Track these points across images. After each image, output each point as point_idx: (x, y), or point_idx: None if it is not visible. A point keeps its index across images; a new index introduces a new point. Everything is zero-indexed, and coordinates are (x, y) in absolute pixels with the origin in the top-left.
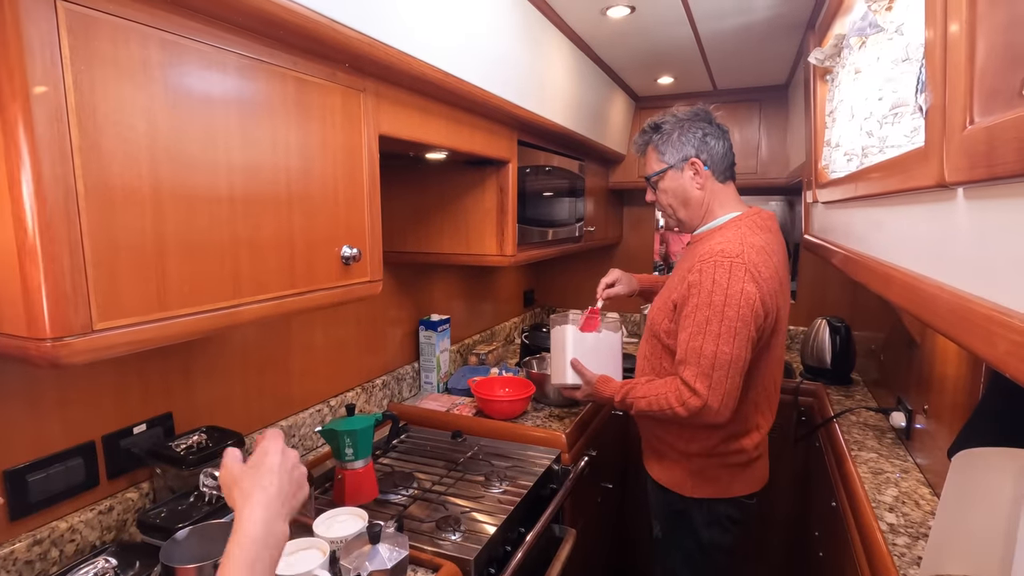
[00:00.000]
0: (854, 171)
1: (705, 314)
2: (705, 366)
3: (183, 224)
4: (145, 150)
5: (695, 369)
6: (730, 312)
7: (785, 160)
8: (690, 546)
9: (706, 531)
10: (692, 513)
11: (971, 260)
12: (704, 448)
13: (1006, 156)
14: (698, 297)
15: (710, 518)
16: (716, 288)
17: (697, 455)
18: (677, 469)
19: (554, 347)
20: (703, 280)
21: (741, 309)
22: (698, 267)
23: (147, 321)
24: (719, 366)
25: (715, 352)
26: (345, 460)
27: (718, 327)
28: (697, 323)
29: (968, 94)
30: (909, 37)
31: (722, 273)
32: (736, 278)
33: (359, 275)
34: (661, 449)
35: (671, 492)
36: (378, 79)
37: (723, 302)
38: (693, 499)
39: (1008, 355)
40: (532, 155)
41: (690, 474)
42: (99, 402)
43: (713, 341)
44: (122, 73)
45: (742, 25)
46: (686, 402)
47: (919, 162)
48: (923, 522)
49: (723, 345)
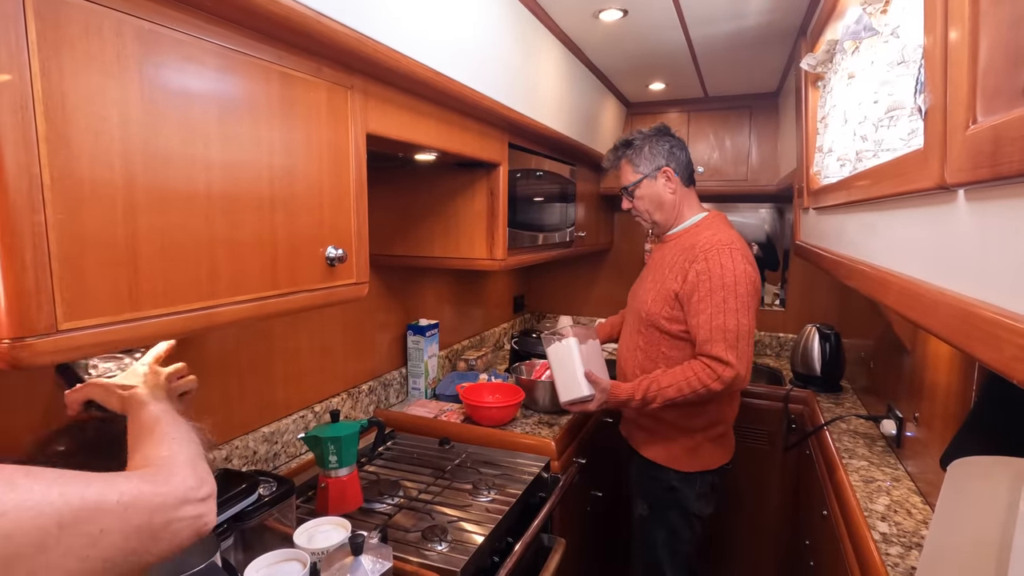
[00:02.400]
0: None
1: (721, 295)
2: (731, 339)
3: (157, 220)
4: (118, 142)
5: (723, 344)
6: (741, 289)
7: (775, 167)
8: (676, 520)
9: (696, 503)
10: (684, 487)
11: (973, 263)
12: (705, 422)
13: (1012, 155)
14: (710, 282)
15: (700, 490)
16: (725, 271)
17: (699, 430)
18: (675, 446)
19: (557, 364)
20: (711, 267)
21: (748, 286)
22: (703, 256)
23: (117, 321)
24: (742, 336)
25: (737, 325)
26: (329, 468)
27: (735, 303)
28: (715, 304)
29: (971, 94)
30: (905, 39)
31: (727, 258)
32: (737, 260)
33: (344, 277)
34: (658, 430)
35: (666, 469)
36: (367, 76)
37: (734, 281)
38: (688, 473)
39: (1015, 360)
40: (523, 159)
41: (686, 450)
42: None
43: (734, 316)
44: (94, 62)
45: (734, 30)
46: (720, 375)
47: (918, 164)
48: (916, 531)
49: (742, 318)
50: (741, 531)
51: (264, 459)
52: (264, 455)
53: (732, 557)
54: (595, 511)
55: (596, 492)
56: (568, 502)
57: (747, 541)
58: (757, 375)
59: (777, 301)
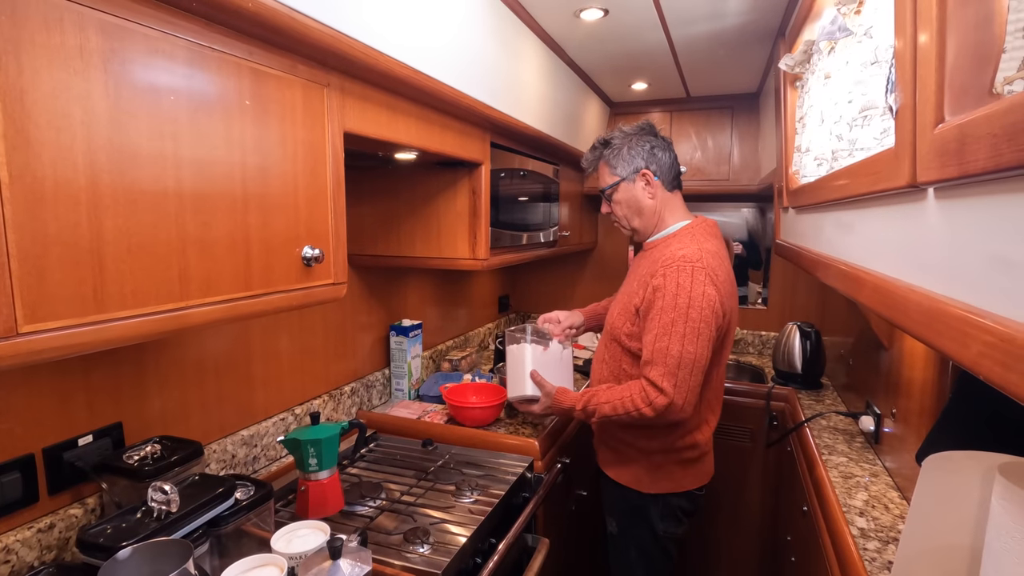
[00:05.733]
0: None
1: (671, 316)
2: (671, 365)
3: (124, 220)
4: (81, 140)
5: (662, 369)
6: (693, 314)
7: (757, 167)
8: (645, 539)
9: (661, 524)
10: (649, 508)
11: (942, 261)
12: (663, 445)
13: (977, 153)
14: (663, 300)
15: (665, 511)
16: (680, 291)
17: (657, 452)
18: (635, 467)
19: (511, 363)
20: (667, 284)
21: (703, 311)
22: (661, 271)
23: (82, 324)
24: (684, 365)
25: (680, 352)
26: (309, 471)
27: (683, 328)
28: (663, 325)
29: (939, 92)
30: (878, 40)
31: (685, 277)
32: (698, 281)
33: (322, 277)
34: (620, 449)
35: (629, 489)
36: (343, 74)
37: (687, 304)
38: (650, 495)
39: (981, 356)
40: (506, 158)
41: (647, 471)
42: (39, 412)
43: (679, 341)
44: (55, 57)
45: (714, 31)
46: (653, 402)
47: (889, 163)
48: (893, 526)
49: (688, 345)
50: (723, 527)
51: (243, 463)
52: (243, 458)
53: (716, 553)
54: (579, 511)
55: (580, 492)
56: (552, 502)
57: (730, 537)
58: (740, 373)
59: (760, 300)
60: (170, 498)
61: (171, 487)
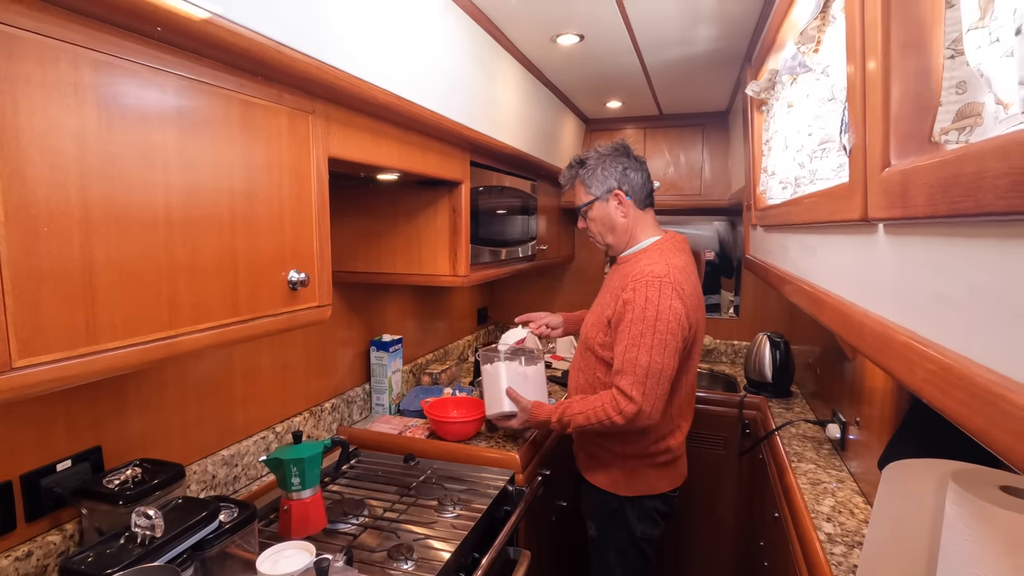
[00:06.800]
0: (789, 199)
1: (639, 328)
2: (640, 375)
3: (116, 250)
4: (75, 175)
5: (631, 378)
6: (661, 326)
7: (727, 181)
8: (624, 541)
9: (639, 525)
10: (626, 510)
11: (892, 290)
12: (637, 450)
13: (917, 199)
14: (632, 313)
15: (642, 513)
16: (648, 305)
17: (632, 456)
18: (612, 471)
19: (487, 381)
20: (636, 298)
21: (670, 323)
22: (631, 286)
23: (74, 356)
24: (652, 374)
25: (648, 362)
26: (292, 490)
27: (651, 339)
28: (632, 336)
29: (885, 138)
30: (834, 78)
31: (653, 291)
32: (665, 295)
33: (307, 300)
34: (597, 454)
35: (607, 492)
36: (328, 101)
37: (655, 317)
38: (627, 497)
39: (924, 382)
40: (485, 176)
41: (623, 474)
42: (16, 438)
43: (647, 352)
44: (50, 96)
45: (684, 55)
46: (623, 410)
47: (845, 197)
48: (858, 530)
49: (655, 356)
50: (699, 533)
51: (224, 483)
52: (224, 479)
53: (691, 559)
54: (560, 520)
55: (560, 502)
56: (533, 514)
57: (706, 543)
58: (714, 382)
59: (732, 308)
60: (154, 523)
61: (155, 512)
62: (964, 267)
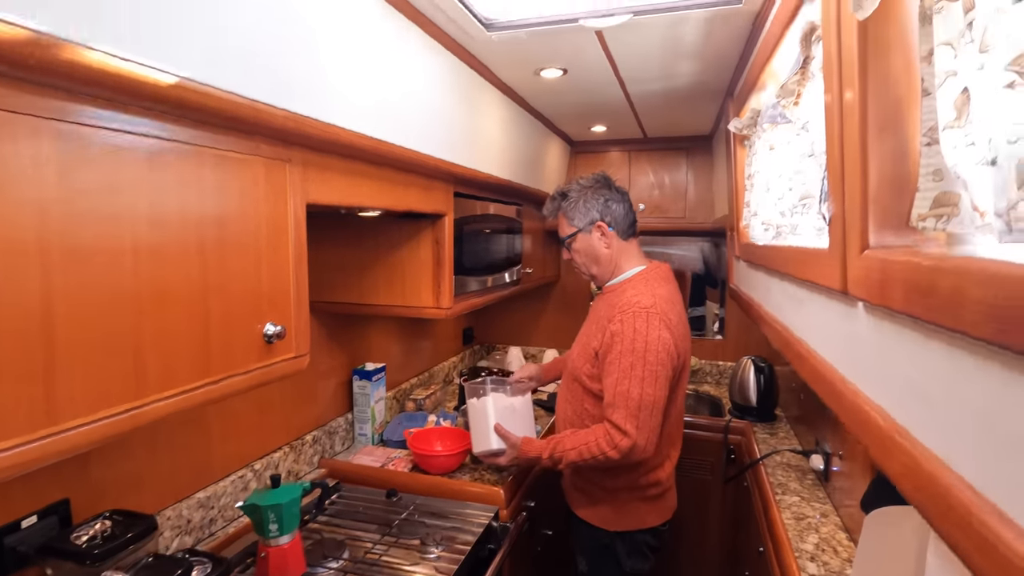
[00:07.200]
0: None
1: (629, 360)
2: (632, 408)
3: (78, 321)
4: (35, 252)
5: (624, 411)
6: (651, 357)
7: (711, 203)
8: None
9: (628, 561)
10: (616, 546)
11: (873, 368)
12: (627, 483)
13: (895, 294)
14: (621, 345)
15: (632, 548)
16: (637, 336)
17: (622, 490)
18: (602, 506)
19: (473, 417)
20: (624, 330)
21: (659, 354)
22: (619, 318)
23: (32, 440)
24: (644, 407)
25: (640, 395)
26: (269, 536)
27: (642, 371)
28: (622, 369)
29: (863, 213)
30: (814, 135)
31: (641, 323)
32: (653, 326)
33: (283, 352)
34: (587, 489)
35: (597, 528)
36: (305, 148)
37: (644, 348)
38: (616, 532)
39: (900, 476)
40: (469, 205)
41: (613, 509)
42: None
43: (638, 384)
44: (7, 169)
45: (667, 88)
46: (617, 444)
47: (826, 264)
48: (841, 570)
49: (647, 387)
50: (686, 561)
51: (199, 526)
52: (199, 522)
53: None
54: (545, 552)
55: (546, 531)
56: (518, 551)
57: (693, 571)
58: (699, 403)
59: (717, 324)
60: None
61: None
62: (944, 372)
